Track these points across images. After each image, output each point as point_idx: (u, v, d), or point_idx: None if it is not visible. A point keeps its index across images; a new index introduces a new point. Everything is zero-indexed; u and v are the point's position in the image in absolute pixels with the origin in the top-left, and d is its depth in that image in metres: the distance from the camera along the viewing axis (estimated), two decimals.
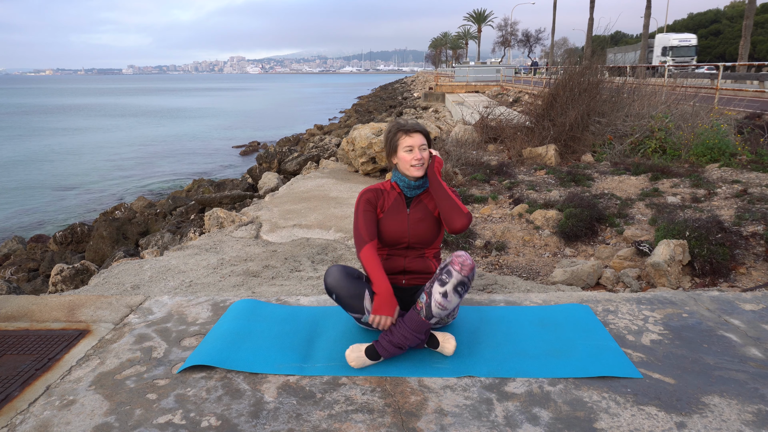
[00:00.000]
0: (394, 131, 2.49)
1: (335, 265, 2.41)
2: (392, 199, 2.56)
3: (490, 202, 5.73)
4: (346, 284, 2.33)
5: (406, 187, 2.51)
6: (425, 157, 2.46)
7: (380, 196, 2.56)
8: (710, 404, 1.97)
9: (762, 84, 19.98)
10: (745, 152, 7.20)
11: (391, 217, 2.52)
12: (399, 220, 2.52)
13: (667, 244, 3.73)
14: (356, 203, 2.54)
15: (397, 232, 2.50)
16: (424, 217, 2.53)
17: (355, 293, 2.33)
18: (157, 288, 3.84)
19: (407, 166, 2.45)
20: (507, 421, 1.89)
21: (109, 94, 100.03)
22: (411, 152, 2.44)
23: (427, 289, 2.27)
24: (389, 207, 2.55)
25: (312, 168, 11.32)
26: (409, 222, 2.51)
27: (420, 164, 2.45)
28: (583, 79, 8.87)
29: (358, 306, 2.34)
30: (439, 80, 40.09)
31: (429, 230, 2.52)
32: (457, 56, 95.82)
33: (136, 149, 25.53)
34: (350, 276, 2.37)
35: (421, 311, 2.25)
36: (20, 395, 2.10)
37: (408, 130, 2.46)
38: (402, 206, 2.54)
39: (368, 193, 2.56)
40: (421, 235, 2.51)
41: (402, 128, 2.47)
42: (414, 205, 2.54)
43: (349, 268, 2.43)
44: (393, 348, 2.26)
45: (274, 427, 1.89)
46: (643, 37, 36.95)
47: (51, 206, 14.48)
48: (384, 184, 2.61)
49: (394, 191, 2.57)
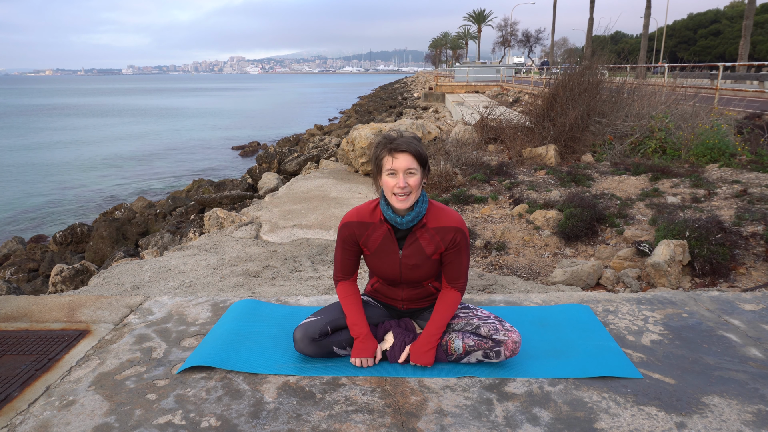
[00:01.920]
0: (380, 147, 2.06)
1: (298, 329, 2.24)
2: (380, 236, 2.16)
3: (490, 202, 5.73)
4: (312, 350, 2.24)
5: (394, 222, 2.12)
6: (412, 185, 2.01)
7: (364, 232, 2.18)
8: (710, 404, 1.97)
9: (762, 84, 19.98)
10: (745, 152, 7.20)
11: (380, 259, 2.19)
12: (389, 263, 2.18)
13: (667, 245, 3.73)
14: (338, 231, 2.25)
15: (388, 274, 2.22)
16: (420, 263, 2.16)
17: (323, 352, 2.26)
18: (157, 288, 3.84)
19: (389, 194, 2.06)
20: (507, 422, 1.89)
21: (109, 94, 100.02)
22: (394, 176, 2.02)
23: (466, 344, 2.16)
24: (377, 247, 2.18)
25: (312, 168, 11.32)
26: (402, 268, 2.18)
27: (404, 194, 2.02)
28: (583, 79, 8.87)
29: (333, 356, 2.29)
30: (439, 80, 40.09)
31: (426, 273, 2.20)
32: (457, 56, 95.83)
33: (136, 149, 25.53)
34: (314, 340, 2.22)
35: (451, 356, 2.22)
36: (20, 395, 2.10)
37: (393, 148, 2.01)
38: (392, 246, 2.16)
39: (349, 227, 2.19)
40: (417, 278, 2.21)
41: (387, 145, 2.04)
42: (408, 245, 2.15)
43: (311, 328, 2.21)
44: (405, 361, 2.26)
45: (274, 427, 1.89)
46: (643, 37, 36.94)
47: (51, 206, 14.48)
48: (370, 212, 2.18)
49: (383, 225, 2.15)
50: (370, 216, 2.18)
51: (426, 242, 2.15)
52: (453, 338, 2.22)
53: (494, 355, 2.16)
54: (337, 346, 2.28)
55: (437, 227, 2.15)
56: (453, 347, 2.21)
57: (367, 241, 2.19)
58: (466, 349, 2.19)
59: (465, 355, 2.21)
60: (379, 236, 2.17)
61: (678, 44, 74.33)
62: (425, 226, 2.15)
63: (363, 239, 2.20)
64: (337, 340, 2.27)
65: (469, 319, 2.23)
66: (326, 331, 2.25)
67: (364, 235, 2.19)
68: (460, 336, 2.21)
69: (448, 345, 2.22)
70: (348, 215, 2.22)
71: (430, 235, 2.15)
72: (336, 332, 2.28)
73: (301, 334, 2.24)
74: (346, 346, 2.29)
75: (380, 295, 2.40)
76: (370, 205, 2.21)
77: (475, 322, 2.21)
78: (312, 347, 2.24)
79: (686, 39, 74.84)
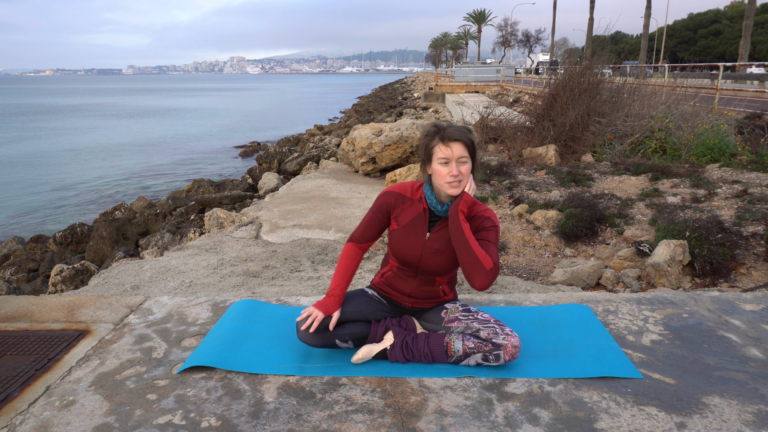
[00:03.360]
0: (431, 135, 2.09)
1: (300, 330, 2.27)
2: (414, 214, 2.20)
3: (490, 202, 5.73)
4: (314, 340, 2.26)
5: (434, 207, 2.16)
6: (465, 173, 2.06)
7: (400, 205, 2.21)
8: (710, 404, 1.97)
9: (762, 84, 19.98)
10: (745, 152, 7.20)
11: (406, 235, 2.20)
12: (414, 243, 2.19)
13: (667, 245, 3.73)
14: (375, 199, 2.29)
15: (408, 255, 2.22)
16: (444, 250, 2.18)
17: (326, 343, 2.28)
18: (157, 288, 3.84)
19: (442, 182, 2.07)
20: (507, 422, 1.89)
21: (109, 94, 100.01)
22: (447, 165, 2.04)
23: (466, 346, 2.17)
24: (407, 223, 2.20)
25: (312, 168, 11.32)
26: (424, 250, 2.19)
27: (457, 181, 2.05)
28: (583, 79, 8.87)
29: (335, 348, 2.32)
30: (439, 80, 40.09)
31: (445, 264, 2.21)
32: (457, 56, 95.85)
33: (136, 149, 25.54)
34: (316, 330, 2.24)
35: (451, 358, 2.22)
36: (20, 396, 2.10)
37: (446, 137, 2.04)
38: (422, 227, 2.19)
39: (388, 196, 2.23)
40: (435, 267, 2.22)
41: (440, 133, 2.06)
42: (437, 230, 2.18)
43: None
44: (405, 361, 2.27)
45: (274, 427, 1.89)
46: (643, 37, 36.95)
47: (51, 206, 14.48)
48: (412, 190, 2.23)
49: (420, 205, 2.19)
50: (412, 193, 2.23)
51: None
52: (453, 340, 2.22)
53: (494, 358, 2.17)
54: (340, 339, 2.29)
55: (470, 216, 2.19)
56: (453, 349, 2.21)
57: (400, 214, 2.21)
58: (466, 351, 2.19)
59: (465, 357, 2.21)
60: (413, 213, 2.20)
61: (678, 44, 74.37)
62: None
63: (397, 211, 2.22)
64: (340, 333, 2.29)
65: (469, 322, 2.24)
66: (328, 322, 2.27)
67: (399, 207, 2.22)
68: (461, 338, 2.21)
69: (448, 346, 2.23)
70: (390, 186, 2.27)
71: None
72: (338, 326, 2.30)
73: (304, 332, 2.27)
74: (348, 339, 2.30)
75: (388, 287, 2.38)
76: (414, 184, 2.25)
77: (475, 325, 2.21)
78: (314, 337, 2.26)
79: (686, 39, 74.88)
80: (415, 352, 2.25)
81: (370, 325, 2.34)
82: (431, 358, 2.25)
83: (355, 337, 2.31)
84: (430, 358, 2.25)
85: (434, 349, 2.24)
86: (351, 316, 2.31)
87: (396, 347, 2.27)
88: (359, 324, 2.32)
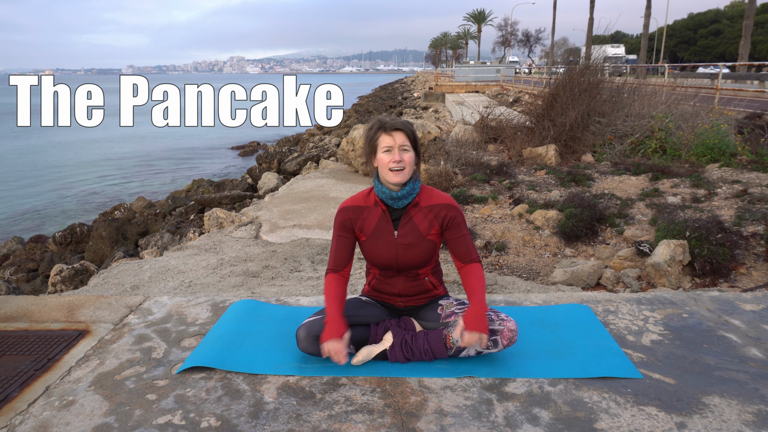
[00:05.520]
0: (375, 129, 2.21)
1: (301, 328, 2.26)
2: (375, 219, 2.25)
3: (490, 202, 5.73)
4: (315, 348, 2.22)
5: (389, 199, 2.21)
6: (407, 160, 2.16)
7: (359, 216, 2.26)
8: (710, 404, 1.96)
9: (762, 84, 19.98)
10: (745, 152, 7.20)
11: (376, 242, 2.25)
12: (385, 245, 2.24)
13: (667, 245, 3.73)
14: (334, 221, 2.30)
15: (385, 258, 2.26)
16: (416, 242, 2.23)
17: None
18: (157, 288, 3.84)
19: (386, 170, 2.17)
20: (507, 422, 1.89)
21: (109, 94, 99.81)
22: (389, 153, 2.16)
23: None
24: (373, 229, 2.25)
25: (312, 168, 11.32)
26: (398, 249, 2.24)
27: (399, 168, 2.15)
28: (583, 79, 8.87)
29: None
30: (439, 80, 40.10)
31: (421, 254, 2.25)
32: (457, 56, 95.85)
33: (135, 149, 25.54)
34: (317, 339, 2.20)
35: (450, 350, 2.23)
36: (20, 396, 2.10)
37: (388, 127, 2.17)
38: (387, 227, 2.24)
39: (345, 212, 2.28)
40: (413, 261, 2.27)
41: (383, 126, 2.20)
42: (403, 225, 2.24)
43: (314, 327, 2.23)
44: (405, 360, 2.26)
45: (274, 427, 1.88)
46: (643, 37, 36.93)
47: (51, 206, 14.48)
48: (365, 198, 2.29)
49: (378, 208, 2.26)
50: (365, 201, 2.29)
51: (420, 220, 2.24)
52: (451, 331, 2.23)
53: (492, 344, 2.19)
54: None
55: (430, 205, 2.26)
56: (452, 340, 2.23)
57: (363, 225, 2.27)
58: None
59: (464, 348, 2.22)
60: (375, 218, 2.26)
61: (678, 44, 74.37)
62: (418, 204, 2.25)
63: (359, 223, 2.27)
64: None
65: None
66: None
67: (359, 218, 2.27)
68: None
69: (446, 338, 2.24)
70: (343, 203, 2.32)
71: (424, 213, 2.24)
72: None
73: (305, 333, 2.25)
74: (350, 344, 2.29)
75: (378, 292, 2.41)
76: (363, 192, 2.32)
77: None
78: (315, 346, 2.24)
79: (686, 39, 74.90)
80: (415, 349, 2.26)
81: (370, 328, 2.35)
82: (431, 354, 2.25)
83: (356, 341, 2.30)
84: (430, 353, 2.25)
85: (434, 344, 2.25)
86: (350, 321, 2.30)
87: (396, 347, 2.27)
88: (359, 328, 2.32)
